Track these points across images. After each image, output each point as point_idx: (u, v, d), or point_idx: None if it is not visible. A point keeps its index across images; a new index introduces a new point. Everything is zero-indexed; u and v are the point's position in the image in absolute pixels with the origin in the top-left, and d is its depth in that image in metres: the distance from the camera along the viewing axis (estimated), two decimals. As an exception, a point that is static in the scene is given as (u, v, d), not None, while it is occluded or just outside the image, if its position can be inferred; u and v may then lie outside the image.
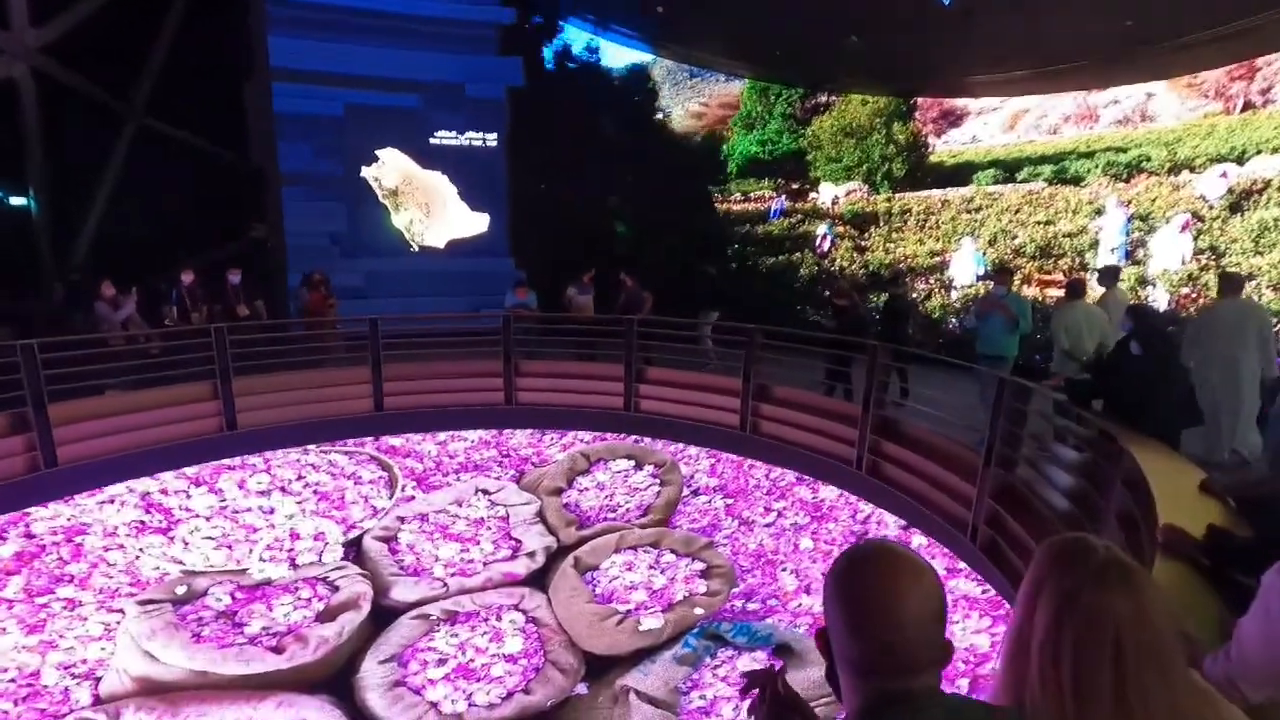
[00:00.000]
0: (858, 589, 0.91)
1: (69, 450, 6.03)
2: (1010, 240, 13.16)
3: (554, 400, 7.88)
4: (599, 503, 7.56)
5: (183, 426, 6.69)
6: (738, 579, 6.28)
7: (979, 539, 4.82)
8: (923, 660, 0.90)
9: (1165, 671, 0.94)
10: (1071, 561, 0.97)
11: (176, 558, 6.21)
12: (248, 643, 5.62)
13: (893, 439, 5.97)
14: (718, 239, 15.10)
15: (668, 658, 5.51)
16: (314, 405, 7.38)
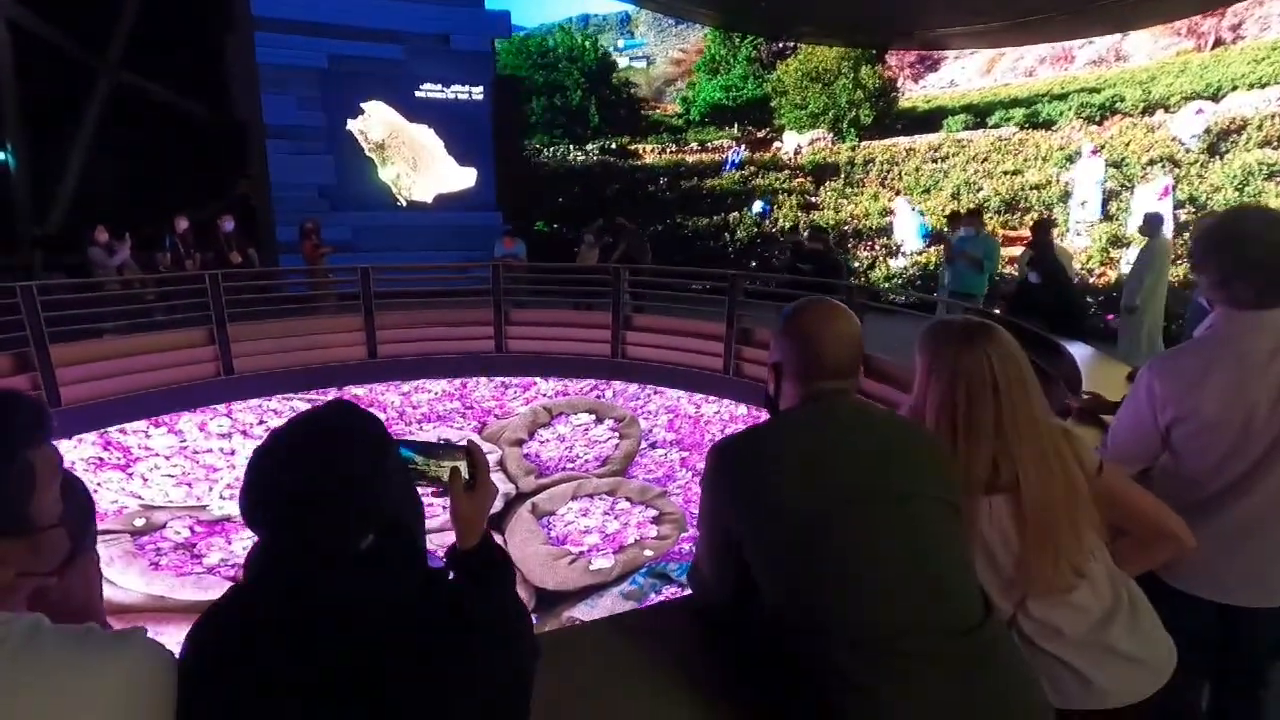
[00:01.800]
0: (804, 319, 1.22)
1: (71, 391, 6.15)
2: (975, 193, 13.04)
3: (543, 348, 8.03)
4: (559, 454, 7.75)
5: (182, 370, 6.83)
6: (687, 525, 6.51)
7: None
8: (845, 369, 1.19)
9: (1030, 396, 1.23)
10: (945, 337, 1.28)
11: (135, 493, 6.29)
12: (205, 572, 5.76)
13: (875, 377, 6.23)
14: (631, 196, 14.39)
15: (615, 593, 5.74)
16: (309, 352, 7.48)
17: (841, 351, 1.18)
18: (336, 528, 0.81)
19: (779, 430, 1.19)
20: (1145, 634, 1.23)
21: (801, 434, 1.14)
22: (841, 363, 1.18)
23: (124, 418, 6.59)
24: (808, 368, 1.18)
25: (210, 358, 6.93)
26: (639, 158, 15.71)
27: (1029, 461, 1.20)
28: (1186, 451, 1.58)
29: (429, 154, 13.15)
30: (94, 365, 6.35)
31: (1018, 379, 1.22)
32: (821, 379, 1.17)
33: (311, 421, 0.87)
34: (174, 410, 6.92)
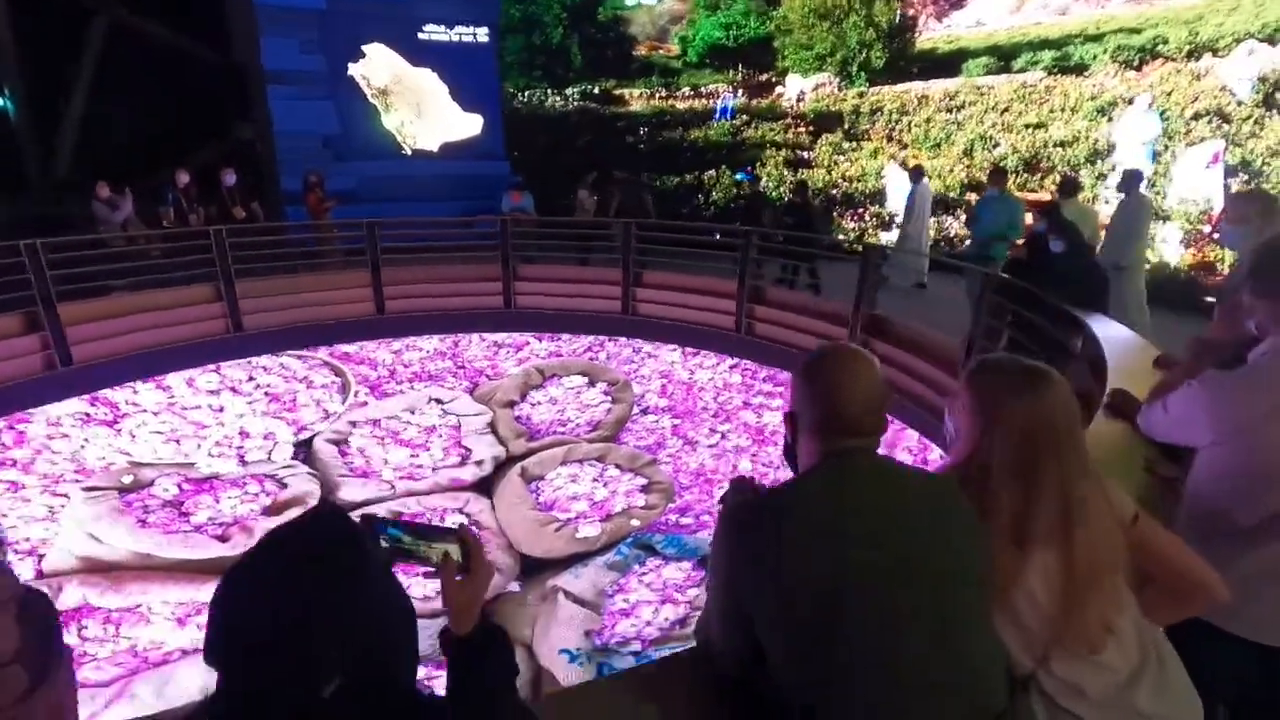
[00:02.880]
0: (822, 372, 1.14)
1: (82, 350, 6.11)
2: (990, 149, 11.61)
3: (552, 304, 7.91)
4: (550, 417, 7.69)
5: (191, 328, 6.78)
6: (676, 495, 6.49)
7: None
8: (866, 427, 1.12)
9: (1083, 444, 1.18)
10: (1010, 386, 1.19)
11: (123, 449, 6.28)
12: (193, 530, 5.79)
13: (882, 337, 6.16)
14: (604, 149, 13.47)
15: (599, 563, 5.76)
16: (317, 308, 7.39)
17: (864, 406, 1.11)
18: (294, 675, 0.76)
19: (794, 497, 1.11)
20: (1174, 694, 1.17)
21: (819, 504, 1.07)
22: (864, 419, 1.11)
23: (136, 375, 6.61)
24: (827, 424, 1.12)
25: (219, 314, 6.88)
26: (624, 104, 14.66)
27: (1084, 514, 1.15)
28: (1227, 476, 1.54)
29: (433, 100, 12.66)
30: (104, 324, 6.30)
31: (1077, 427, 1.19)
32: (842, 437, 1.11)
33: (276, 549, 0.82)
34: (186, 367, 6.94)
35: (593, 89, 14.32)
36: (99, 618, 4.86)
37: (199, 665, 4.60)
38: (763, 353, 7.10)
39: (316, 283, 7.54)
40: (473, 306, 7.87)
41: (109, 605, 4.97)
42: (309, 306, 7.34)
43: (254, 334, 7.02)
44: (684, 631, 4.82)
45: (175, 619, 4.98)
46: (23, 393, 5.89)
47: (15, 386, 5.81)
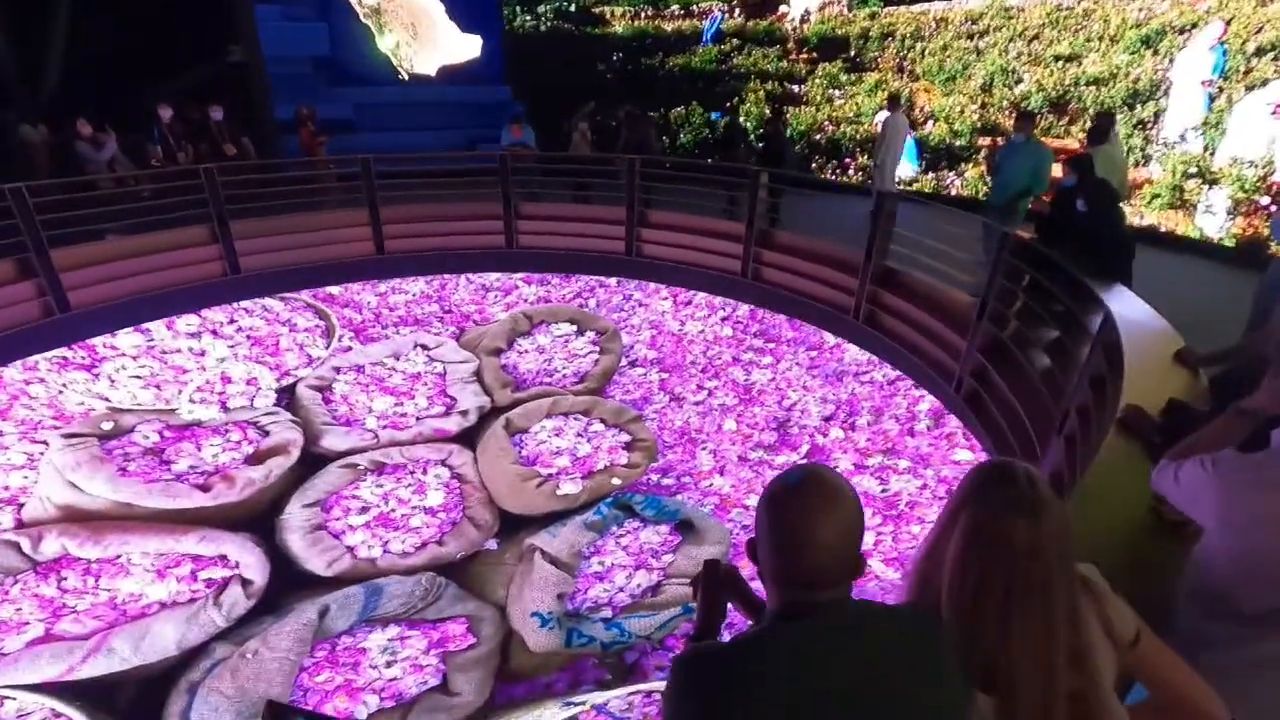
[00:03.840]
0: (782, 514, 1.00)
1: (79, 295, 6.02)
2: (1011, 85, 10.39)
3: (555, 244, 7.72)
4: (537, 366, 7.55)
5: (188, 270, 6.67)
6: (659, 453, 6.42)
7: (963, 389, 5.02)
8: (833, 578, 0.99)
9: (1047, 602, 1.03)
10: (991, 489, 1.06)
11: (102, 394, 6.23)
12: (174, 479, 5.80)
13: (892, 289, 5.96)
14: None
15: (577, 522, 5.74)
16: (315, 249, 7.25)
17: (834, 555, 0.98)
18: None
19: (752, 661, 0.98)
20: None
21: (780, 671, 0.96)
22: (836, 567, 0.99)
23: (135, 320, 6.56)
24: (792, 570, 1.00)
25: (215, 256, 6.77)
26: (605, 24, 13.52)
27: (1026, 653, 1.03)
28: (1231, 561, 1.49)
29: (429, 19, 11.89)
30: (98, 269, 6.21)
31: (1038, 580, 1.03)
32: (808, 590, 1.00)
33: None
34: (185, 311, 6.88)
35: (568, 6, 13.09)
36: (79, 569, 4.93)
37: (177, 619, 4.69)
38: (770, 299, 6.89)
39: (314, 222, 7.34)
40: (474, 246, 7.70)
41: (88, 556, 5.03)
42: (307, 247, 7.17)
43: (252, 276, 6.93)
44: (654, 600, 4.84)
45: (155, 571, 5.04)
46: (22, 341, 5.86)
47: (15, 335, 5.78)
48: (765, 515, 1.02)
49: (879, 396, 6.06)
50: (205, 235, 6.67)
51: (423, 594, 5.14)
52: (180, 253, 6.63)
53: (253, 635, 4.64)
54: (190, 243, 6.68)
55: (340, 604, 4.97)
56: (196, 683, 4.29)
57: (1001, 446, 4.44)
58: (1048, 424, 3.95)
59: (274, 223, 7.08)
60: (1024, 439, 4.21)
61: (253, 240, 6.85)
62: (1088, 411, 3.34)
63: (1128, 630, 1.14)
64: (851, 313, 6.17)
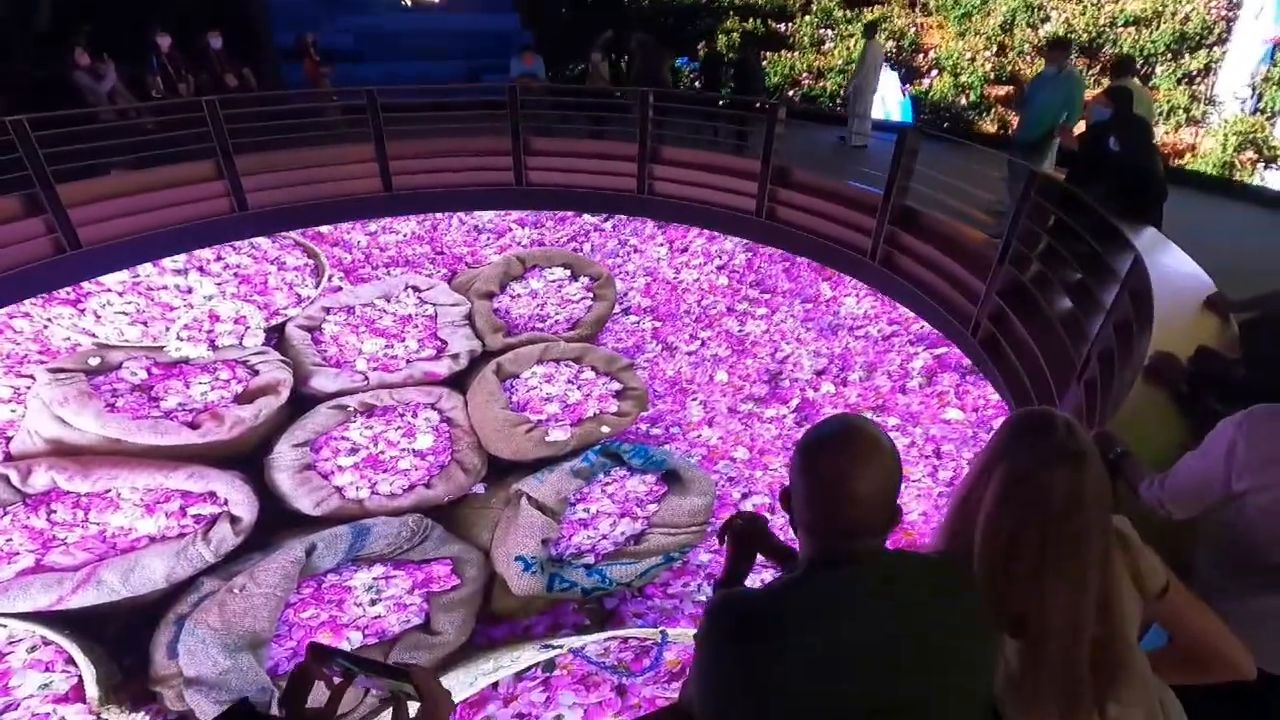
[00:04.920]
0: (818, 464, 0.99)
1: (88, 232, 5.91)
2: (1035, 26, 9.30)
3: (565, 180, 7.51)
4: (529, 311, 7.46)
5: (197, 207, 6.55)
6: (649, 403, 6.39)
7: (979, 333, 4.92)
8: (869, 528, 0.98)
9: (1084, 553, 1.01)
10: (1028, 440, 1.04)
11: (88, 330, 6.17)
12: (163, 416, 5.81)
13: (910, 229, 5.80)
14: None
15: (565, 469, 5.76)
16: (322, 185, 7.07)
17: (871, 504, 0.97)
18: None
19: (787, 609, 0.98)
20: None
21: (814, 619, 0.96)
22: (871, 519, 0.98)
23: (146, 258, 6.47)
24: (828, 522, 0.99)
25: (222, 192, 6.63)
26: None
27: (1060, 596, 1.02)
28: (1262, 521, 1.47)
29: (433, -57, 11.28)
30: (106, 204, 6.07)
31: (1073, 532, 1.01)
32: (845, 539, 0.99)
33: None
34: (193, 248, 6.77)
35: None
36: (68, 502, 4.98)
37: (166, 553, 4.76)
38: (784, 238, 6.72)
39: (320, 157, 7.14)
40: (481, 183, 7.49)
41: (78, 490, 5.07)
42: (314, 184, 7.00)
43: (259, 213, 6.79)
44: (637, 548, 4.89)
45: (144, 506, 5.09)
46: (35, 279, 5.79)
47: (27, 272, 5.69)
48: (801, 465, 1.01)
49: (873, 352, 5.97)
50: (211, 170, 6.52)
51: (409, 535, 5.19)
52: (187, 189, 6.50)
53: (240, 571, 4.72)
54: (197, 178, 6.53)
55: (327, 543, 5.03)
56: (184, 615, 4.38)
57: (1017, 391, 4.33)
58: (1067, 369, 3.84)
59: (279, 157, 6.89)
60: (1041, 384, 4.10)
61: (258, 176, 6.69)
62: (1111, 356, 3.26)
63: (1157, 582, 1.14)
64: (868, 254, 6.00)
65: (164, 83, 7.50)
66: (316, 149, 7.18)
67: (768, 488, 5.18)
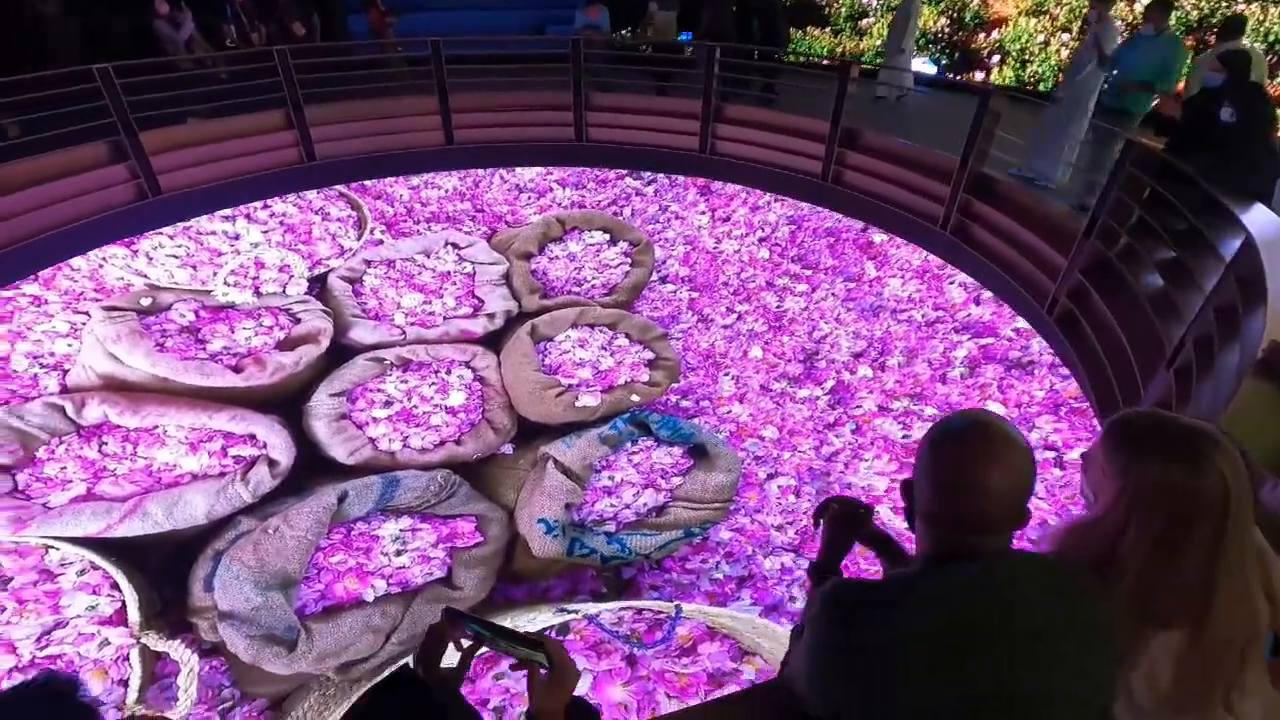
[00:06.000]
0: (951, 459, 0.98)
1: (168, 179, 6.09)
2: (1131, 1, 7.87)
3: (626, 138, 7.34)
4: (566, 274, 7.41)
5: (268, 156, 6.65)
6: (681, 374, 6.33)
7: (1056, 310, 4.69)
8: (997, 525, 0.97)
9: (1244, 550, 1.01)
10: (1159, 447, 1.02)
11: (141, 271, 6.36)
12: (208, 358, 6.00)
13: (986, 198, 5.52)
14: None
15: (593, 435, 5.78)
16: (386, 137, 7.07)
17: (1003, 502, 0.95)
18: None
19: (907, 600, 0.96)
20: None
21: (934, 612, 0.94)
22: (1001, 516, 0.96)
23: (221, 205, 6.65)
24: (956, 517, 0.97)
25: (291, 142, 6.72)
26: None
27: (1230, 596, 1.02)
28: None
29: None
30: (183, 152, 6.22)
31: (1246, 501, 1.01)
32: (972, 535, 0.97)
33: None
34: (265, 198, 6.93)
35: None
36: (118, 436, 5.21)
37: (207, 490, 4.96)
38: (851, 205, 6.44)
39: (385, 109, 7.14)
40: (542, 138, 7.36)
41: (128, 425, 5.30)
42: (378, 135, 7.04)
43: (325, 163, 6.86)
44: (658, 520, 4.90)
45: (189, 444, 5.30)
46: (119, 223, 6.00)
47: (112, 217, 5.89)
48: (932, 456, 1.00)
49: (915, 338, 5.77)
50: (281, 120, 6.61)
51: (437, 490, 5.31)
52: (259, 138, 6.61)
53: (275, 513, 4.90)
54: (268, 128, 6.63)
55: (359, 491, 5.17)
56: (221, 551, 4.58)
57: (1095, 374, 4.11)
58: (1155, 354, 3.62)
59: (345, 108, 6.94)
60: (1123, 366, 3.87)
61: (325, 127, 6.77)
62: (1210, 343, 3.04)
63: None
64: (939, 222, 5.71)
65: (237, 32, 7.59)
66: (381, 100, 7.20)
67: (794, 469, 5.11)
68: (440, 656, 1.09)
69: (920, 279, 6.18)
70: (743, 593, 4.22)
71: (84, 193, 5.73)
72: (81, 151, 5.76)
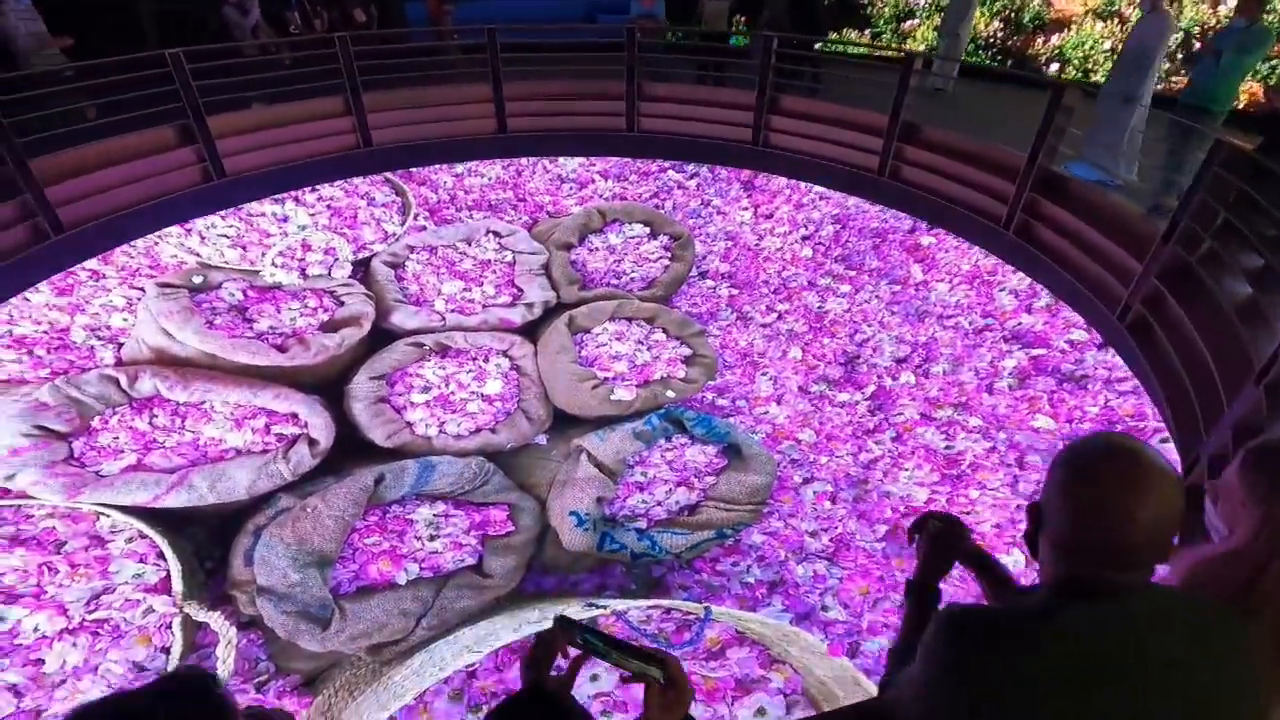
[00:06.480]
0: (1095, 485, 0.91)
1: (232, 162, 6.31)
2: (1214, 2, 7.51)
3: (677, 128, 7.29)
4: (605, 266, 7.39)
5: (326, 142, 6.83)
6: (718, 372, 6.26)
7: (1129, 317, 4.47)
8: (1139, 559, 0.91)
9: None
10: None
11: (194, 249, 6.53)
12: (255, 337, 6.13)
13: (1054, 197, 5.28)
14: None
15: (627, 430, 5.76)
16: (440, 124, 7.18)
17: (1148, 537, 0.89)
18: None
19: (1041, 634, 0.90)
20: None
21: (1071, 649, 0.87)
22: (1144, 549, 0.90)
23: (281, 189, 6.84)
24: (1093, 548, 0.91)
25: (349, 129, 6.87)
26: None
27: None
28: None
29: None
30: (246, 137, 6.42)
31: None
32: (1109, 568, 0.91)
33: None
34: (324, 181, 7.10)
35: None
36: (168, 409, 5.36)
37: (250, 466, 5.08)
38: (905, 201, 6.28)
39: (439, 96, 7.25)
40: (593, 127, 7.37)
41: (177, 399, 5.45)
42: (432, 123, 7.13)
43: (382, 149, 6.99)
44: (690, 519, 4.85)
45: (234, 420, 5.43)
46: (184, 205, 6.23)
47: (178, 199, 6.12)
48: (1070, 480, 0.94)
49: (961, 345, 5.60)
50: (340, 106, 6.75)
51: (471, 477, 5.35)
52: (318, 123, 6.76)
53: (314, 492, 4.99)
54: (327, 113, 6.78)
55: (395, 475, 5.25)
56: (261, 527, 4.69)
57: (1171, 387, 3.91)
58: (1241, 367, 3.43)
59: (400, 95, 7.05)
60: (1203, 379, 3.68)
61: (382, 113, 6.89)
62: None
63: None
64: (1002, 222, 5.50)
65: (301, 18, 7.75)
66: (436, 87, 7.29)
67: (831, 475, 5.01)
68: (550, 666, 1.07)
69: (969, 284, 6.00)
70: (773, 598, 4.16)
71: (154, 174, 5.95)
72: (152, 134, 5.98)
